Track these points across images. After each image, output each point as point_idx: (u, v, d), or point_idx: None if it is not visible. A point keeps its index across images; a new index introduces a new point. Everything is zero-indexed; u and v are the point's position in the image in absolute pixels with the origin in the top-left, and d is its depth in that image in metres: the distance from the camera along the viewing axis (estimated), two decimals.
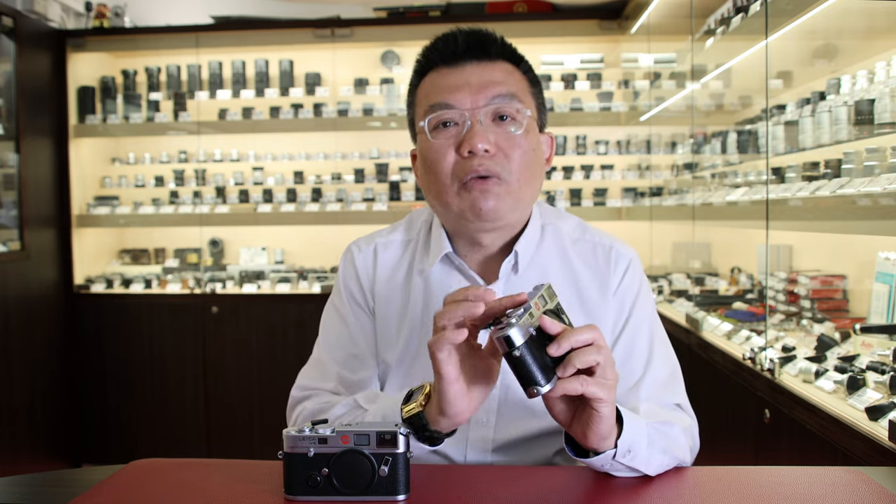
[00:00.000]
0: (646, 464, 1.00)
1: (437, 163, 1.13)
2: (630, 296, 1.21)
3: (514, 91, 1.14)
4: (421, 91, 1.18)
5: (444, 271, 1.22)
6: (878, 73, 1.97)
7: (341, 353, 1.24)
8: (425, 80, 1.18)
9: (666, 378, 1.18)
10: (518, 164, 1.12)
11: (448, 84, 1.14)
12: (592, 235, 1.26)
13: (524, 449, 1.18)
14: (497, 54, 1.17)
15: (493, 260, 1.21)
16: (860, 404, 1.53)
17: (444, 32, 1.19)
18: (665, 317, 2.97)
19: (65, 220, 4.11)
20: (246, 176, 4.29)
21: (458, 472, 1.06)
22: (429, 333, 1.19)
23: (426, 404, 0.98)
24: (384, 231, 1.32)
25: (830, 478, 1.00)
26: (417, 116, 1.18)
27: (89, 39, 4.18)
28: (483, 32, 1.18)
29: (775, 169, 2.35)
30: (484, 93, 1.12)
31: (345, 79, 4.25)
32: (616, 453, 0.96)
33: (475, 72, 1.14)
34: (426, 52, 1.19)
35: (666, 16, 3.38)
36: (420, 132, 1.16)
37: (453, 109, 1.12)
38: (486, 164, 1.10)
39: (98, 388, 4.08)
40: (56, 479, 1.08)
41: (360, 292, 1.26)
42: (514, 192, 1.13)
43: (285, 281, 4.09)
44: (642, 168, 4.06)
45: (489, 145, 1.10)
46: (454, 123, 1.13)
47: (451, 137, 1.13)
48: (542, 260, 1.22)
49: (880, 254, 2.10)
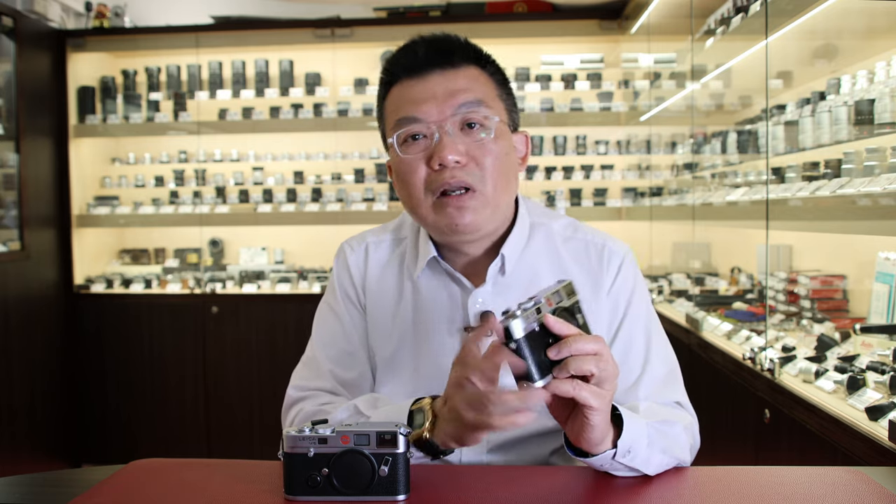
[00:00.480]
0: (645, 464, 1.00)
1: (409, 177, 1.13)
2: (625, 294, 1.21)
3: (481, 97, 1.13)
4: (388, 105, 1.17)
5: (432, 275, 1.22)
6: (878, 73, 1.97)
7: (335, 351, 1.25)
8: (391, 92, 1.17)
9: (665, 376, 1.18)
10: (491, 171, 1.12)
11: (413, 97, 1.13)
12: (584, 234, 1.25)
13: (520, 449, 1.18)
14: (461, 60, 1.15)
15: (480, 262, 1.21)
16: (860, 404, 1.53)
17: (406, 42, 1.17)
18: (665, 317, 2.97)
19: (65, 220, 4.11)
20: (246, 176, 4.29)
21: (458, 472, 1.06)
22: (419, 336, 1.20)
23: (432, 429, 0.99)
24: (375, 230, 1.33)
25: (830, 478, 1.00)
26: (387, 130, 1.17)
27: (89, 39, 4.18)
28: (445, 39, 1.16)
29: (775, 169, 2.35)
30: (450, 102, 1.11)
31: (345, 79, 4.25)
32: (616, 453, 0.97)
33: (439, 82, 1.13)
34: (389, 64, 1.18)
35: (666, 16, 3.38)
36: (390, 147, 1.16)
37: (420, 122, 1.12)
38: (457, 175, 1.10)
39: (98, 388, 4.08)
40: (56, 479, 1.08)
41: (353, 290, 1.27)
42: (490, 202, 1.13)
43: (285, 281, 4.09)
44: (642, 168, 4.06)
45: (459, 156, 1.10)
46: (423, 136, 1.12)
47: (421, 151, 1.12)
48: (530, 260, 1.21)
49: (880, 254, 2.10)
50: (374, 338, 1.25)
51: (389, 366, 1.22)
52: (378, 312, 1.25)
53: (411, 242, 1.27)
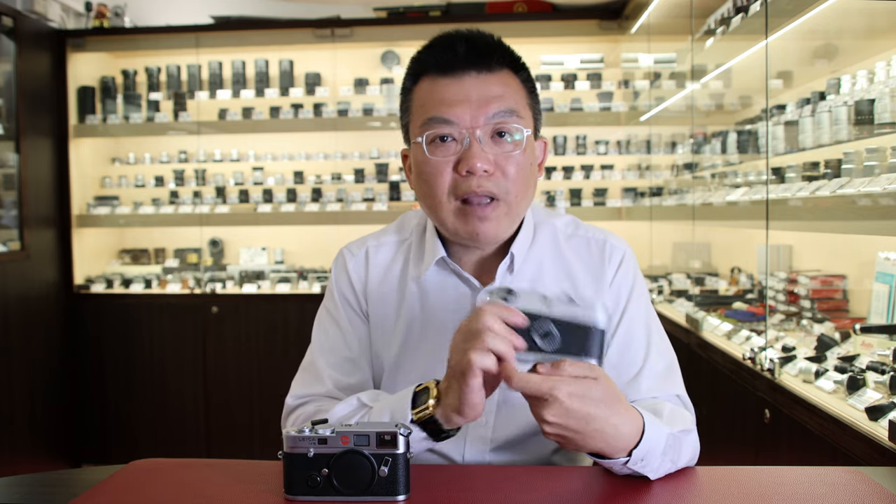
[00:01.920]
0: (654, 472, 1.00)
1: (433, 178, 1.12)
2: (625, 289, 1.22)
3: (514, 107, 1.12)
4: (416, 98, 1.15)
5: (440, 274, 1.22)
6: (878, 73, 1.97)
7: (335, 357, 1.24)
8: (421, 85, 1.15)
9: (664, 369, 1.19)
10: (514, 181, 1.12)
11: (446, 97, 1.11)
12: (586, 231, 1.26)
13: (522, 448, 1.18)
14: (498, 63, 1.13)
15: (489, 261, 1.21)
16: (860, 404, 1.53)
17: (442, 35, 1.14)
18: (665, 317, 2.97)
19: (65, 220, 4.11)
20: (246, 176, 4.29)
21: (458, 471, 1.06)
22: (427, 335, 1.20)
23: (436, 405, 0.99)
24: (375, 234, 1.31)
25: (830, 478, 1.00)
26: (413, 126, 1.16)
27: (89, 39, 4.18)
28: (484, 41, 1.14)
29: (775, 169, 2.35)
30: (484, 109, 1.10)
31: (345, 79, 4.25)
32: (629, 461, 0.97)
33: (475, 85, 1.11)
34: (422, 55, 1.15)
35: (666, 16, 3.38)
36: (416, 144, 1.14)
37: (452, 125, 1.10)
38: (484, 185, 1.10)
39: (98, 388, 4.08)
40: (56, 479, 1.08)
41: (353, 296, 1.26)
42: (511, 211, 1.13)
43: (285, 281, 4.09)
44: (642, 168, 4.06)
45: (488, 165, 1.09)
46: (452, 139, 1.11)
47: (450, 154, 1.11)
48: (535, 257, 1.22)
49: (880, 254, 2.10)
50: (380, 342, 1.24)
51: (397, 368, 1.22)
52: (382, 316, 1.24)
53: (416, 243, 1.26)
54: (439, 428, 1.00)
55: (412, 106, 1.17)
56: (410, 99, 1.17)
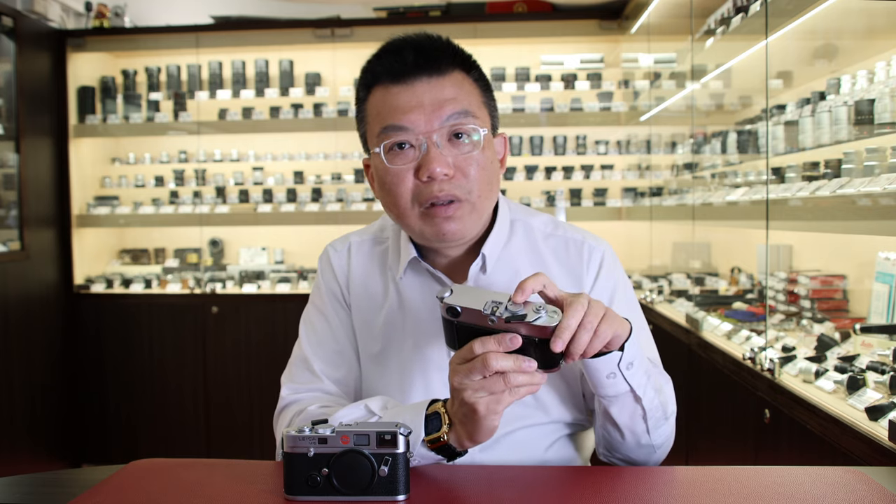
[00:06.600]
0: (641, 388, 1.04)
1: (395, 187, 1.12)
2: (607, 291, 1.22)
3: (468, 107, 1.12)
4: (371, 108, 1.16)
5: (415, 275, 1.23)
6: (878, 73, 1.97)
7: (325, 351, 1.26)
8: (374, 94, 1.15)
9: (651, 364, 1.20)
10: (477, 181, 1.12)
11: (400, 104, 1.11)
12: (564, 231, 1.26)
13: (514, 446, 1.18)
14: (448, 65, 1.13)
15: (461, 261, 1.22)
16: (860, 404, 1.53)
17: (391, 42, 1.15)
18: (665, 317, 2.97)
19: (65, 220, 4.11)
20: (246, 176, 4.29)
21: (458, 471, 1.06)
22: (405, 334, 1.21)
23: (449, 431, 1.00)
24: (358, 231, 1.34)
25: (830, 478, 1.00)
26: (370, 136, 1.16)
27: (89, 39, 4.18)
28: (433, 45, 1.14)
29: (775, 169, 2.35)
30: (438, 113, 1.10)
31: (345, 79, 4.25)
32: (621, 358, 0.99)
33: (427, 90, 1.11)
34: (373, 64, 1.16)
35: (666, 16, 3.38)
36: (375, 154, 1.14)
37: (408, 132, 1.10)
38: (445, 188, 1.10)
39: (98, 389, 4.08)
40: (56, 479, 1.08)
41: (338, 288, 1.29)
42: (476, 210, 1.14)
43: (285, 281, 4.09)
44: (642, 168, 4.06)
45: (448, 168, 1.10)
46: (409, 145, 1.11)
47: (409, 161, 1.11)
48: (510, 257, 1.22)
49: (880, 254, 2.10)
50: (362, 333, 1.26)
51: (376, 362, 1.24)
52: (363, 311, 1.26)
53: (393, 244, 1.27)
54: (453, 451, 1.01)
55: (367, 116, 1.17)
56: (365, 109, 1.18)
